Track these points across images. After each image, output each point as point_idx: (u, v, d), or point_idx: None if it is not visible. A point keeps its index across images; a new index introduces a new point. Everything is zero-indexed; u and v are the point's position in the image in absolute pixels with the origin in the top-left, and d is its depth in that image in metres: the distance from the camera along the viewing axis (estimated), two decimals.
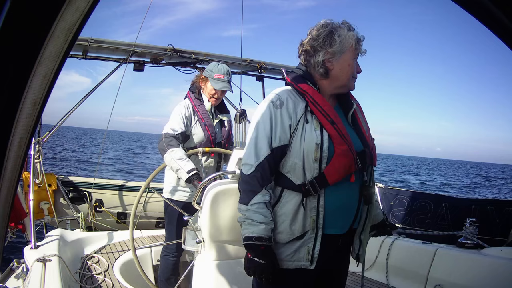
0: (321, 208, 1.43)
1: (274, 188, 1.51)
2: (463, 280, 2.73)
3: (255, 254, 1.41)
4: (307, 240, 1.45)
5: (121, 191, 4.34)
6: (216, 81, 2.67)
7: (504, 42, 0.75)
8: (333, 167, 1.42)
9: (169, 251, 2.84)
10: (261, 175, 1.44)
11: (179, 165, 2.46)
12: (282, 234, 1.45)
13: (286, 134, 1.45)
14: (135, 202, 2.57)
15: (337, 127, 1.44)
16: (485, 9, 0.73)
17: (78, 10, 0.60)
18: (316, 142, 1.42)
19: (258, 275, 1.42)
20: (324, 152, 1.42)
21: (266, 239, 1.40)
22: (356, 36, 1.51)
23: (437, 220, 4.34)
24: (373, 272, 3.29)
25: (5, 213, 0.68)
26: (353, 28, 1.53)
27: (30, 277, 2.30)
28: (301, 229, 1.44)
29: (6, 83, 0.57)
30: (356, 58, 1.54)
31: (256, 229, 1.40)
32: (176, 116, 2.64)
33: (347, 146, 1.44)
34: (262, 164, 1.44)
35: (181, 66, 3.98)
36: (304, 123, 1.45)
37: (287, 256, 1.46)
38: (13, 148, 0.63)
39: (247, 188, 1.45)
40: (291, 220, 1.44)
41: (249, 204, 1.43)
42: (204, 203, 1.99)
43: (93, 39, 3.34)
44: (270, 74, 4.44)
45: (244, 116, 2.77)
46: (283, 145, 1.45)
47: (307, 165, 1.43)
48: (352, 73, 1.52)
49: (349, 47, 1.49)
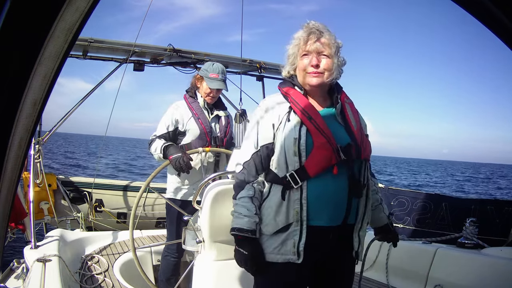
0: (304, 200, 1.48)
1: (265, 185, 1.60)
2: (463, 280, 2.73)
3: (238, 245, 1.55)
4: (292, 233, 1.49)
5: (121, 191, 4.34)
6: (211, 80, 2.74)
7: (504, 42, 0.75)
8: (312, 159, 1.48)
9: (170, 252, 2.84)
10: (247, 172, 1.57)
11: (155, 147, 2.68)
12: (268, 225, 1.53)
13: (270, 133, 1.56)
14: (135, 202, 2.57)
15: (315, 122, 1.51)
16: (485, 9, 0.73)
17: (78, 10, 0.60)
18: (294, 137, 1.50)
19: (243, 266, 1.55)
20: (302, 145, 1.49)
21: (247, 231, 1.51)
22: (299, 34, 1.58)
23: (437, 220, 4.34)
24: (373, 272, 3.29)
25: (5, 213, 0.68)
26: (305, 27, 1.59)
27: (30, 277, 2.30)
28: (285, 220, 1.50)
29: (6, 83, 0.57)
30: (305, 54, 1.57)
31: (240, 221, 1.53)
32: (161, 121, 2.81)
33: (325, 139, 1.49)
34: (249, 162, 1.58)
35: (181, 66, 3.98)
36: (286, 122, 1.55)
37: (275, 249, 1.52)
38: (13, 148, 0.63)
39: (236, 184, 1.60)
40: (275, 211, 1.51)
41: (237, 199, 1.57)
42: (204, 203, 1.99)
43: (93, 39, 3.35)
44: (270, 74, 4.44)
45: (244, 116, 2.78)
46: (268, 143, 1.56)
47: (288, 160, 1.51)
48: (302, 69, 1.58)
49: (294, 47, 1.60)
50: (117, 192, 4.32)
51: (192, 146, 2.72)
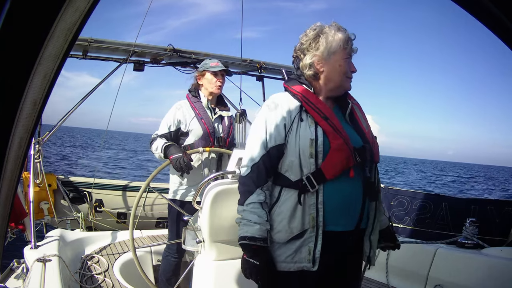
0: (320, 205, 1.42)
1: (274, 188, 1.51)
2: (463, 280, 2.73)
3: (250, 255, 1.42)
4: (307, 239, 1.42)
5: (121, 191, 4.34)
6: (214, 67, 2.78)
7: (504, 42, 0.75)
8: (329, 161, 1.42)
9: (171, 252, 2.84)
10: (256, 176, 1.47)
11: (156, 146, 2.69)
12: (281, 232, 1.45)
13: (281, 133, 1.48)
14: (135, 202, 2.57)
15: (332, 123, 1.45)
16: (485, 9, 0.73)
17: (78, 10, 0.60)
18: (311, 137, 1.43)
19: (253, 277, 1.43)
20: (319, 147, 1.42)
21: (260, 240, 1.41)
22: (345, 37, 1.51)
23: (437, 220, 4.33)
24: (373, 272, 3.29)
25: (5, 213, 0.68)
26: (343, 29, 1.53)
27: (30, 277, 2.30)
28: (300, 227, 1.42)
29: (6, 83, 0.57)
30: (348, 58, 1.53)
31: (251, 229, 1.42)
32: (163, 121, 2.80)
33: (343, 140, 1.44)
34: (258, 165, 1.47)
35: (181, 66, 3.98)
36: (299, 122, 1.47)
37: (288, 257, 1.44)
38: (13, 148, 0.63)
39: (243, 189, 1.49)
40: (289, 217, 1.43)
41: (245, 204, 1.46)
42: (204, 203, 1.99)
43: (93, 39, 3.34)
44: (270, 74, 4.44)
45: (244, 116, 2.78)
46: (278, 144, 1.48)
47: (303, 162, 1.44)
48: (344, 73, 1.53)
49: (338, 48, 1.50)
50: (117, 192, 4.32)
51: (195, 146, 2.70)
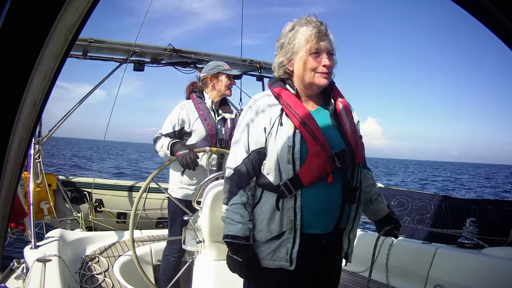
0: (298, 209, 1.44)
1: (256, 189, 1.55)
2: (463, 280, 2.73)
3: (233, 252, 1.49)
4: (285, 240, 1.46)
5: (121, 191, 4.34)
6: (229, 70, 2.84)
7: (504, 42, 0.75)
8: (306, 168, 1.42)
9: (171, 251, 2.84)
10: (238, 178, 1.51)
11: (162, 144, 2.69)
12: (261, 232, 1.50)
13: (262, 137, 1.49)
14: (135, 202, 2.57)
15: (309, 129, 1.44)
16: (485, 9, 0.73)
17: (78, 10, 0.60)
18: (288, 144, 1.43)
19: (237, 272, 1.52)
20: (296, 153, 1.43)
21: (242, 238, 1.46)
22: (310, 30, 1.44)
23: (437, 220, 4.33)
24: (373, 272, 3.29)
25: (5, 213, 0.68)
26: (312, 22, 1.46)
27: (30, 277, 2.30)
28: (278, 229, 1.46)
29: (6, 83, 0.57)
30: (316, 52, 1.46)
31: (234, 228, 1.47)
32: (167, 120, 2.80)
33: (320, 147, 1.43)
34: (240, 168, 1.50)
35: (181, 66, 3.99)
36: (278, 126, 1.47)
37: (268, 255, 1.50)
38: (13, 148, 0.63)
39: (227, 189, 1.54)
40: (268, 219, 1.47)
41: (229, 205, 1.51)
42: (204, 203, 1.99)
43: (93, 39, 3.35)
44: (270, 74, 4.44)
45: None
46: (259, 148, 1.49)
47: (282, 167, 1.45)
48: (312, 69, 1.47)
49: (302, 44, 1.45)
50: (117, 192, 4.32)
51: (197, 147, 2.72)
